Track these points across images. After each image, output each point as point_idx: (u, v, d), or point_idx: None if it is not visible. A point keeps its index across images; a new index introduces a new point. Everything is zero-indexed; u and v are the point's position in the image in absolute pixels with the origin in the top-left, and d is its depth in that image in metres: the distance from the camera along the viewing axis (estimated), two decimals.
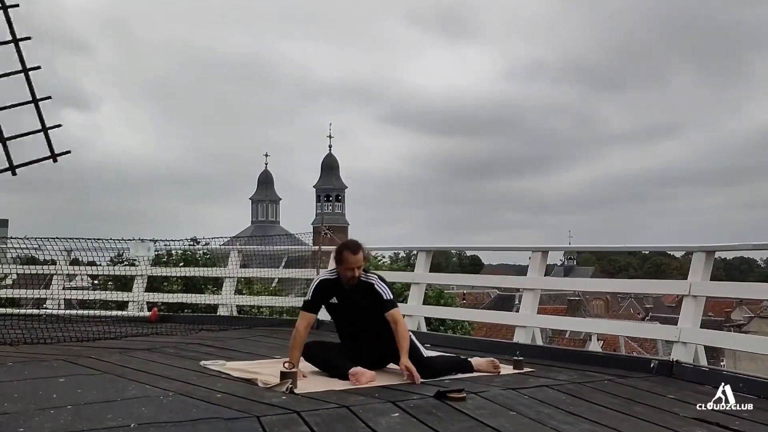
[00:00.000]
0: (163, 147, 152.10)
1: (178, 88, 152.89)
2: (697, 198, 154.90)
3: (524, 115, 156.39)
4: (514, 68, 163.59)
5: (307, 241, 10.78)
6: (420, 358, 4.77)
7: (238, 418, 3.46)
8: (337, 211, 61.88)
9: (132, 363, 5.36)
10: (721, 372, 5.09)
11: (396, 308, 4.82)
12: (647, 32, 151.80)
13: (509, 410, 3.76)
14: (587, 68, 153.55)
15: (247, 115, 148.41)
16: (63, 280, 10.10)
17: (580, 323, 15.12)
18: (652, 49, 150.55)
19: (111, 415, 3.51)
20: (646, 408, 3.88)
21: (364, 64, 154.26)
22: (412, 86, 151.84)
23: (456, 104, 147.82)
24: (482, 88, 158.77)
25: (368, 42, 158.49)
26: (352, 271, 4.80)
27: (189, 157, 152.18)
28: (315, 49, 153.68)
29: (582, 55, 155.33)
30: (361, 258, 4.82)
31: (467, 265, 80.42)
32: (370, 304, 4.80)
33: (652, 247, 17.95)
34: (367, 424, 3.38)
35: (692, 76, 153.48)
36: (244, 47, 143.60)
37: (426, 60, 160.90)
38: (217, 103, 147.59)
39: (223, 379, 4.69)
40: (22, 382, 4.52)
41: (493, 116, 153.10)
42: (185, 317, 9.18)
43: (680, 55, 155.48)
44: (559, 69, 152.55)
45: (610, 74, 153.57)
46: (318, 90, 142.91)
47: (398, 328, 4.71)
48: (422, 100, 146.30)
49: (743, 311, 46.51)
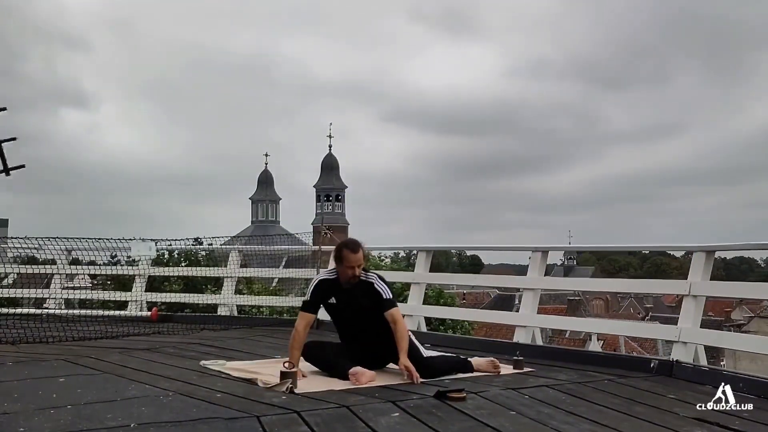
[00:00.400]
0: (164, 147, 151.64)
1: (179, 87, 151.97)
2: (699, 197, 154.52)
3: (526, 114, 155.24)
4: (516, 66, 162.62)
5: (307, 241, 10.79)
6: (420, 358, 4.76)
7: (238, 418, 3.46)
8: (337, 211, 61.95)
9: (132, 363, 5.36)
10: (721, 372, 5.09)
11: (395, 308, 4.81)
12: (651, 30, 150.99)
13: (509, 410, 3.76)
14: (590, 66, 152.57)
15: (247, 114, 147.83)
16: (63, 280, 10.09)
17: (580, 323, 15.15)
18: (656, 47, 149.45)
19: (111, 415, 3.51)
20: (646, 408, 3.88)
21: (366, 62, 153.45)
22: (413, 85, 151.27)
23: (457, 103, 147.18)
24: (483, 87, 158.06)
25: (370, 40, 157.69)
26: (353, 270, 4.78)
27: (189, 157, 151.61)
28: (316, 48, 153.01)
29: (585, 52, 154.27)
30: (360, 257, 4.81)
31: (467, 265, 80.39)
32: (370, 303, 4.80)
33: (652, 247, 17.94)
34: (367, 424, 3.38)
35: (696, 75, 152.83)
36: (245, 47, 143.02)
37: (428, 58, 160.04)
38: (218, 103, 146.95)
39: (223, 379, 4.69)
40: (22, 382, 4.52)
41: (494, 115, 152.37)
42: (185, 317, 9.18)
43: (684, 53, 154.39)
44: (562, 67, 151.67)
45: (614, 72, 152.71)
46: (319, 88, 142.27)
47: (397, 327, 4.70)
48: (423, 98, 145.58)
49: (743, 311, 46.46)
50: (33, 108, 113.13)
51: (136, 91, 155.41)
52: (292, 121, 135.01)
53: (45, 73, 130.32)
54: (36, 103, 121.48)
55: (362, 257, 4.83)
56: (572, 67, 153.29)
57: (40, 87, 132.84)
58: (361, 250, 4.82)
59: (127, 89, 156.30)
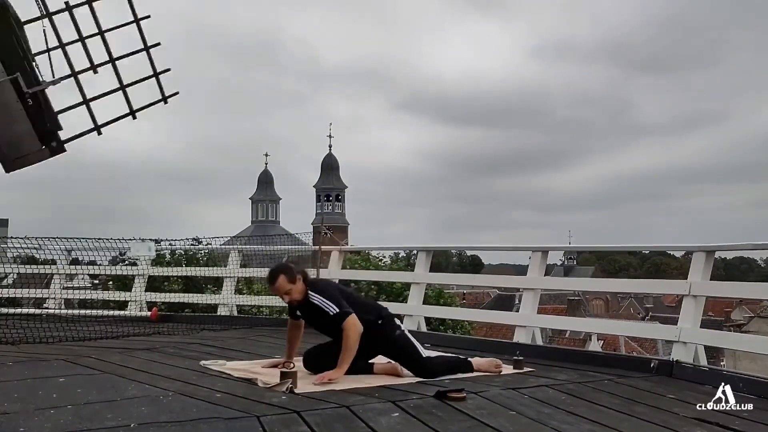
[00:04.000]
0: (162, 139, 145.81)
1: (172, 69, 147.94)
2: (725, 195, 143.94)
3: (548, 102, 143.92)
4: (542, 47, 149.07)
5: (307, 241, 10.79)
6: (418, 358, 4.79)
7: (238, 418, 3.46)
8: (337, 210, 61.97)
9: (132, 363, 5.36)
10: (721, 372, 5.10)
11: (345, 320, 4.67)
12: (702, 5, 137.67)
13: (509, 410, 3.76)
14: (626, 48, 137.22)
15: (249, 104, 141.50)
16: (63, 280, 10.09)
17: (580, 323, 15.18)
18: (707, 24, 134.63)
19: (111, 415, 3.51)
20: (646, 408, 3.88)
21: (376, 44, 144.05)
22: (426, 69, 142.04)
23: (474, 91, 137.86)
24: (504, 72, 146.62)
25: (381, 19, 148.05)
26: (286, 297, 4.84)
27: (189, 150, 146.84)
28: (323, 28, 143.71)
29: (620, 32, 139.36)
30: (280, 285, 4.77)
31: (467, 265, 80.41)
32: (324, 320, 4.79)
33: (652, 247, 17.94)
34: (367, 424, 3.38)
35: (749, 53, 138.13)
36: (248, 25, 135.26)
37: (444, 40, 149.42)
38: (216, 88, 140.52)
39: (223, 379, 4.69)
40: (22, 382, 4.52)
41: (514, 104, 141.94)
42: (185, 317, 9.18)
43: (738, 30, 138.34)
44: (592, 49, 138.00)
45: (650, 55, 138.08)
46: (325, 74, 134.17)
47: (346, 341, 4.64)
48: (437, 86, 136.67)
49: (743, 311, 46.46)
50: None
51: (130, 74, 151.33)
52: (296, 111, 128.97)
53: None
54: None
55: (282, 285, 4.77)
56: (605, 49, 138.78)
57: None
58: (280, 278, 4.77)
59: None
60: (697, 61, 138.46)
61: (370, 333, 4.76)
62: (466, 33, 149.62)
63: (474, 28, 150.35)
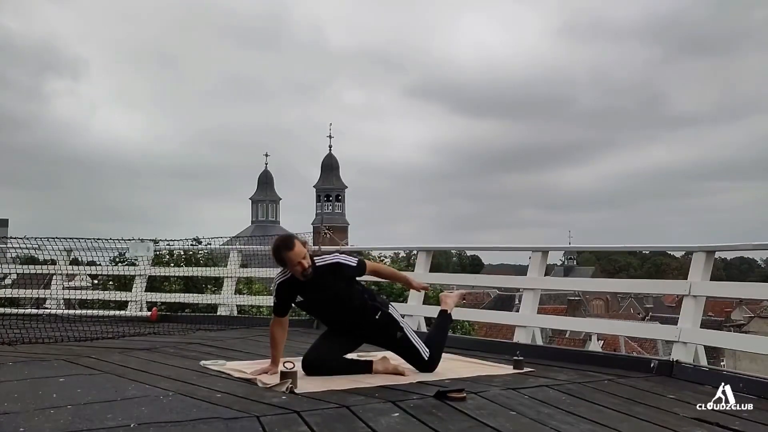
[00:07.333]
0: (160, 130, 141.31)
1: (173, 54, 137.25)
2: (743, 192, 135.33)
3: (570, 92, 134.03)
4: (570, 27, 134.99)
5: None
6: (419, 358, 4.84)
7: (238, 418, 3.45)
8: (337, 211, 62.03)
9: (132, 363, 5.36)
10: (721, 372, 5.09)
11: (366, 264, 4.75)
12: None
13: (509, 410, 3.76)
14: (665, 28, 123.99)
15: (252, 92, 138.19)
16: (63, 280, 10.09)
17: (580, 323, 15.15)
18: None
19: (111, 415, 3.51)
20: (646, 408, 3.87)
21: (388, 28, 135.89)
22: (439, 54, 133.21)
23: (491, 77, 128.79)
24: (526, 57, 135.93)
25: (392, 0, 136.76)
26: (300, 265, 4.61)
27: (189, 144, 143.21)
28: (330, 10, 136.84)
29: (659, 10, 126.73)
30: (300, 249, 4.60)
31: (467, 265, 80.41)
32: (345, 282, 4.72)
33: (652, 247, 17.97)
34: (367, 424, 3.38)
35: None
36: (252, 7, 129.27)
37: (459, 20, 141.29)
38: (219, 74, 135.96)
39: (223, 379, 4.68)
40: (22, 382, 4.52)
41: (535, 92, 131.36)
42: (185, 317, 9.18)
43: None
44: (627, 28, 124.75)
45: (694, 34, 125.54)
46: (333, 60, 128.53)
47: (382, 273, 4.66)
48: (450, 73, 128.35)
49: (743, 311, 46.54)
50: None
51: (130, 57, 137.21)
52: (298, 106, 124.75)
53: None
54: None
55: (302, 248, 4.61)
56: (639, 29, 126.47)
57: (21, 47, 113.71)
58: (297, 242, 4.63)
59: (119, 55, 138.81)
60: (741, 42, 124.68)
61: (371, 323, 4.80)
62: (484, 12, 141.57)
63: (495, 8, 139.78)
